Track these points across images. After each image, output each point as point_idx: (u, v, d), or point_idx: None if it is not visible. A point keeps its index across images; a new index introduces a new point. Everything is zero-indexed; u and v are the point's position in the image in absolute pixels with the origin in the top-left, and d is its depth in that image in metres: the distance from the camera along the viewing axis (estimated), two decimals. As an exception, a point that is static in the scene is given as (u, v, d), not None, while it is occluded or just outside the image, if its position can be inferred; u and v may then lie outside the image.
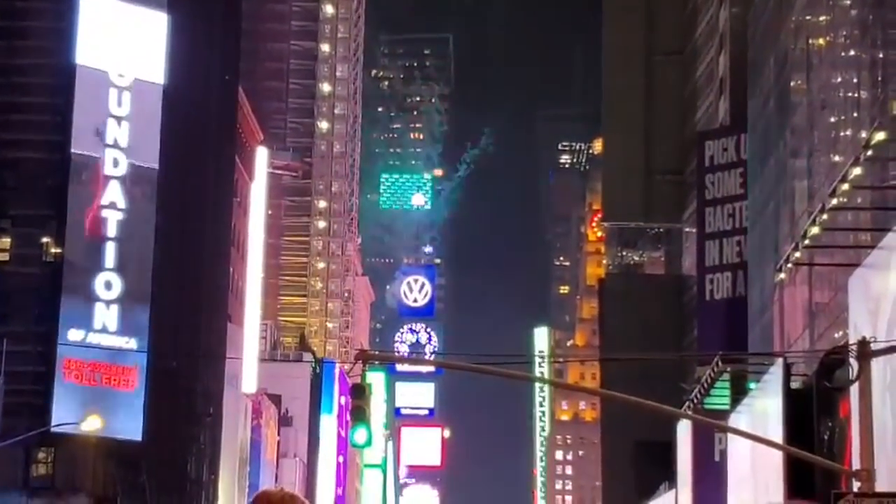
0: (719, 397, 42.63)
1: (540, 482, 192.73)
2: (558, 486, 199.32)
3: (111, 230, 61.08)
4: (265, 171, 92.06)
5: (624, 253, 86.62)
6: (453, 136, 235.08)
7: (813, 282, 36.09)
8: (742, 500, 37.37)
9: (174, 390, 63.58)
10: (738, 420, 38.06)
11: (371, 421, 26.83)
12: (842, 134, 32.21)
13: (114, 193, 61.32)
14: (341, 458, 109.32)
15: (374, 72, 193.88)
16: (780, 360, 33.71)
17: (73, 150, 60.45)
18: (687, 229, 71.41)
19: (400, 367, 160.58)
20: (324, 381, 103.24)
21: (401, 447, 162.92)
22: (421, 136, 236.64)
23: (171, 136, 62.82)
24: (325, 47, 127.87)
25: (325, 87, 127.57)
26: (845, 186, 27.26)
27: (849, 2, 32.26)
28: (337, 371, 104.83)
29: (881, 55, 28.64)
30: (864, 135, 26.89)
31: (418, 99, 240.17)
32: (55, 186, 60.22)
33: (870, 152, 25.96)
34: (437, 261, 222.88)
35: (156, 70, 62.95)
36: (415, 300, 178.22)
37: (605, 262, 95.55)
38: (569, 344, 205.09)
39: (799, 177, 37.66)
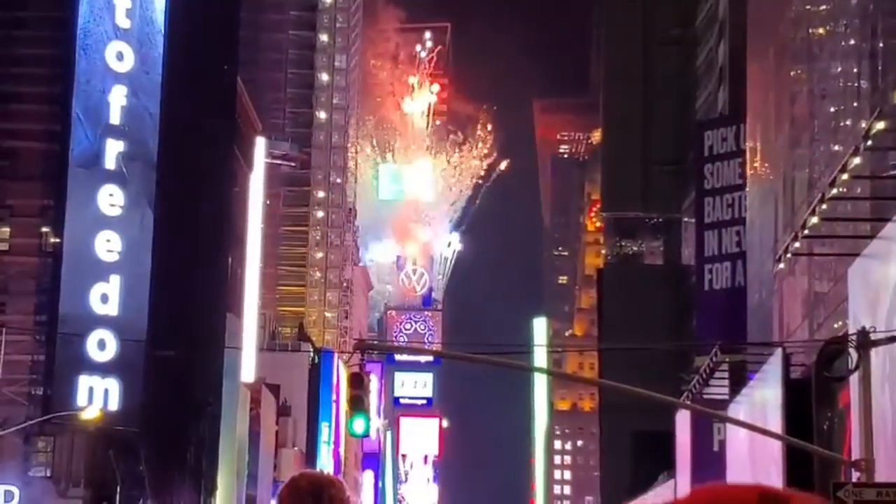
0: (718, 387, 42.61)
1: (538, 472, 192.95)
2: (557, 475, 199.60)
3: (110, 220, 61.05)
4: (263, 161, 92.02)
5: (622, 243, 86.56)
6: (451, 125, 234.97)
7: (812, 272, 36.06)
8: (741, 490, 37.31)
9: (173, 380, 63.57)
10: (736, 410, 38.04)
11: (369, 411, 26.89)
12: (842, 124, 32.18)
13: (113, 183, 61.28)
14: (340, 448, 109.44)
15: (372, 62, 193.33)
16: (779, 350, 33.71)
17: (71, 140, 60.43)
18: (686, 219, 71.39)
19: (399, 357, 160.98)
20: (322, 370, 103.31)
21: (399, 437, 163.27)
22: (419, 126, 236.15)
23: (170, 127, 62.77)
24: (323, 37, 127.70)
25: (324, 77, 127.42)
26: (845, 176, 27.20)
27: (849, -9, 32.19)
28: (336, 361, 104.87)
29: (881, 44, 28.60)
30: (863, 124, 26.84)
31: (416, 88, 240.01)
32: (54, 176, 60.19)
33: (870, 142, 25.90)
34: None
35: (154, 60, 62.89)
36: (413, 290, 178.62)
37: (603, 252, 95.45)
38: (567, 334, 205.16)
39: (798, 166, 37.62)
